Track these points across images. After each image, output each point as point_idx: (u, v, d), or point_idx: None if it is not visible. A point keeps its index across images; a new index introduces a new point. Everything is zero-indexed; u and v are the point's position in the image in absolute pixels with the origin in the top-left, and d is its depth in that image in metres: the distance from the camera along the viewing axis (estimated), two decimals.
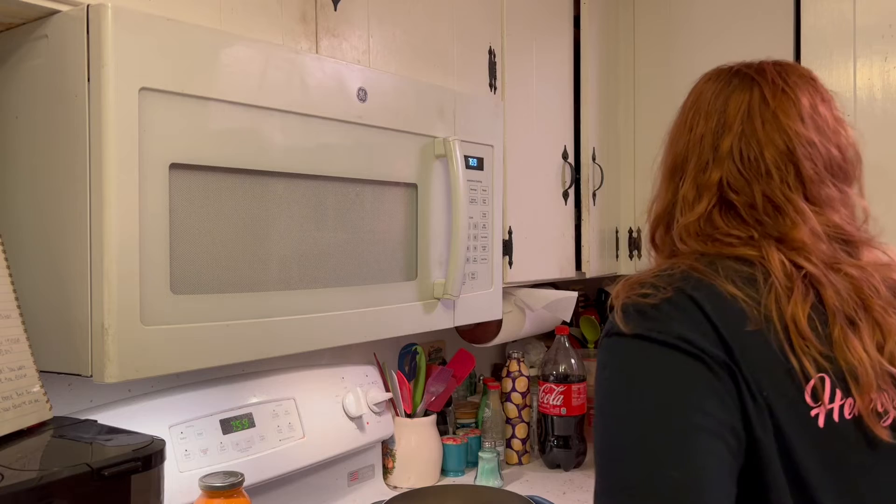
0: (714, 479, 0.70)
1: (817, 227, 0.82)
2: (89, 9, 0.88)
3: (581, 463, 1.91)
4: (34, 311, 0.94)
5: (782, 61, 0.92)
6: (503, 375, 1.96)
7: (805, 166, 0.84)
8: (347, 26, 1.27)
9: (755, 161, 0.85)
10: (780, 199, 0.83)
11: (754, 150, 0.85)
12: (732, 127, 0.86)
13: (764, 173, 0.84)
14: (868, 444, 0.76)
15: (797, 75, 0.90)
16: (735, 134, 0.86)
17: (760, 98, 0.87)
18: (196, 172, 0.97)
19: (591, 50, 1.93)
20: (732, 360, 0.73)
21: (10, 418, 0.85)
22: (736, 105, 0.87)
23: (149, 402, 1.25)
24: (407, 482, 1.69)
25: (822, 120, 0.87)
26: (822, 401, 0.75)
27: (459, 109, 1.41)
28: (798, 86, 0.88)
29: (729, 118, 0.87)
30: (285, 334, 1.09)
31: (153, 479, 0.87)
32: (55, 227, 0.93)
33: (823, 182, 0.85)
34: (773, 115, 0.85)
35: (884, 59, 1.68)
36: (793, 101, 0.86)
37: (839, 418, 0.75)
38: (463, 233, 1.36)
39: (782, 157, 0.84)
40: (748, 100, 0.87)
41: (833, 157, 0.86)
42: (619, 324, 0.77)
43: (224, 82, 0.99)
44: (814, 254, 0.80)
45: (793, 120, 0.85)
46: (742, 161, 0.85)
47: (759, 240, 0.82)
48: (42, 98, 0.94)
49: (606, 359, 0.78)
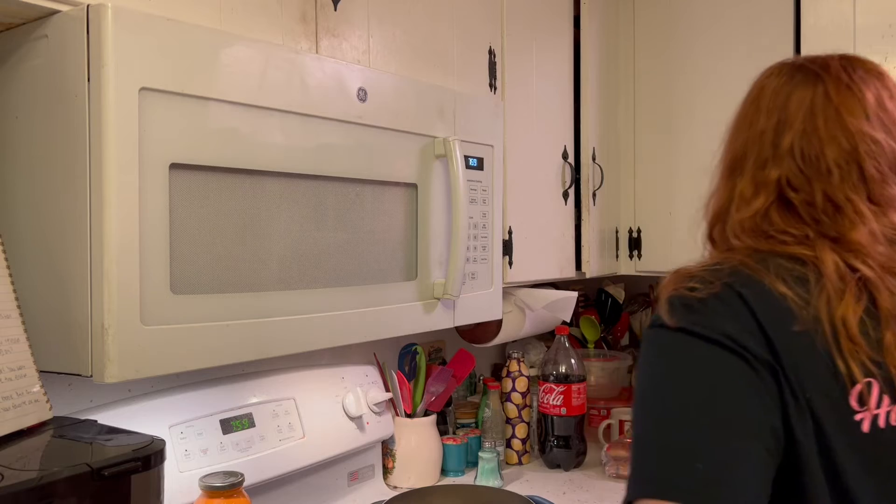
0: (747, 477, 0.69)
1: (876, 228, 0.80)
2: (89, 9, 0.88)
3: (581, 463, 1.91)
4: (34, 311, 0.94)
5: (849, 55, 0.89)
6: (503, 375, 1.96)
7: (868, 165, 0.81)
8: (347, 26, 1.27)
9: (816, 159, 0.82)
10: (841, 198, 0.81)
11: (815, 149, 0.82)
12: (794, 124, 0.84)
13: (825, 172, 0.82)
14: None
15: (864, 70, 0.86)
16: (796, 132, 0.84)
17: (823, 94, 0.84)
18: (196, 172, 0.97)
19: (591, 50, 1.93)
20: (776, 359, 0.72)
21: (10, 418, 0.85)
22: (798, 101, 0.85)
23: (149, 402, 1.25)
24: (407, 482, 1.69)
25: (888, 117, 0.84)
26: (869, 406, 0.73)
27: (459, 109, 1.41)
28: (864, 81, 0.85)
29: (790, 115, 0.85)
30: (285, 334, 1.09)
31: (153, 479, 0.87)
32: (55, 226, 0.93)
33: (886, 182, 0.82)
34: (835, 113, 0.83)
35: (884, 59, 1.68)
36: (857, 98, 0.83)
37: (885, 424, 0.74)
38: (463, 233, 1.36)
39: (844, 156, 0.82)
40: (811, 96, 0.84)
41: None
42: (664, 316, 0.76)
43: (224, 82, 0.99)
44: (871, 256, 0.78)
45: (857, 117, 0.82)
46: (803, 159, 0.83)
47: (814, 239, 0.80)
48: (42, 98, 0.94)
49: (648, 350, 0.77)
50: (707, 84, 1.91)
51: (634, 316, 2.49)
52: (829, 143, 0.82)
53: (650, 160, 2.02)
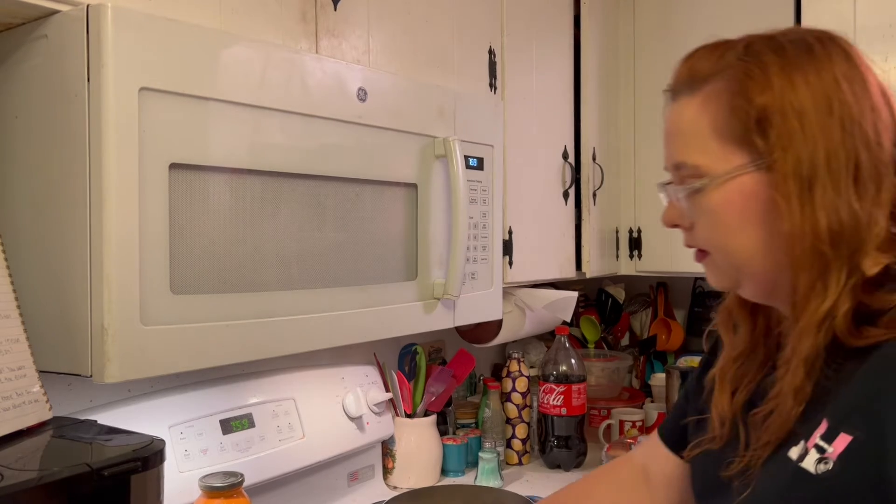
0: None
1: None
2: (89, 9, 0.88)
3: (581, 463, 1.90)
4: (34, 311, 0.93)
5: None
6: (503, 375, 1.96)
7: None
8: (347, 26, 1.26)
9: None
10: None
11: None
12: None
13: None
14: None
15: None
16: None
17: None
18: (196, 172, 0.97)
19: (591, 49, 1.93)
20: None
21: (9, 418, 0.85)
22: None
23: (148, 403, 1.25)
24: (407, 482, 1.69)
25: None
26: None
27: (459, 109, 1.41)
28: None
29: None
30: (285, 334, 1.09)
31: (153, 479, 0.86)
32: (55, 227, 0.93)
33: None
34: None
35: (884, 59, 1.68)
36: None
37: None
38: (463, 233, 1.36)
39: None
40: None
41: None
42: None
43: (224, 82, 0.99)
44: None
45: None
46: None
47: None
48: (42, 98, 0.94)
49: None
50: None
51: (635, 316, 2.48)
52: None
53: (650, 160, 2.02)
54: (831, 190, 0.70)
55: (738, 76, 0.74)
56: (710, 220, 0.77)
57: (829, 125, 0.71)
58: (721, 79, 0.76)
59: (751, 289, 0.80)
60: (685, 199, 0.79)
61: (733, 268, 0.78)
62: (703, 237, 0.79)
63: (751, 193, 0.73)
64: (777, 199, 0.71)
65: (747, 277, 0.78)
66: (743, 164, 0.74)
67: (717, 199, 0.75)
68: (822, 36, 0.76)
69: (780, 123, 0.71)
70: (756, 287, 0.79)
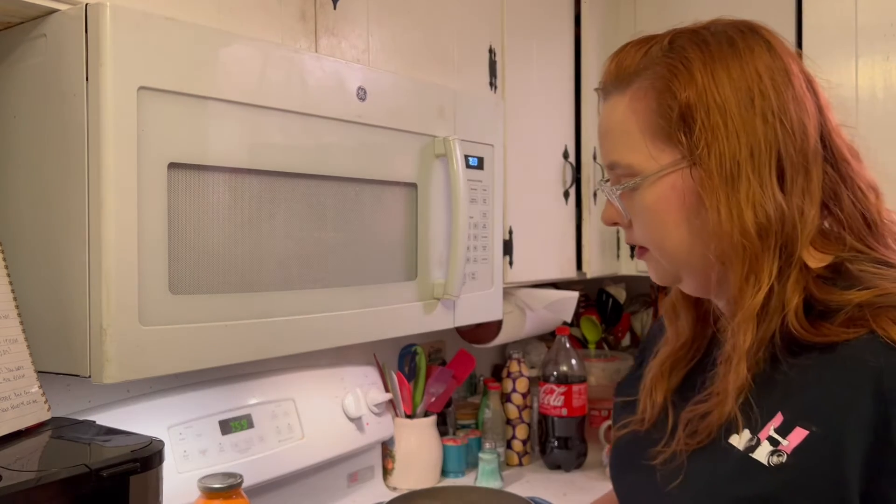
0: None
1: None
2: (88, 8, 0.88)
3: (582, 464, 1.90)
4: (32, 311, 0.93)
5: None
6: (503, 376, 1.96)
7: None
8: (347, 25, 1.26)
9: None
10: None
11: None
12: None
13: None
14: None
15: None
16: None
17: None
18: (195, 172, 0.97)
19: (592, 48, 1.93)
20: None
21: (8, 419, 0.85)
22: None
23: (147, 403, 1.25)
24: (407, 483, 1.69)
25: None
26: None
27: (459, 109, 1.41)
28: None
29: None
30: (285, 334, 1.08)
31: (152, 480, 0.86)
32: (53, 226, 0.93)
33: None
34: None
35: (885, 59, 1.67)
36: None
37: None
38: (463, 233, 1.36)
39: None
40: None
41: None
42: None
43: (223, 81, 0.99)
44: None
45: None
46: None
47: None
48: (40, 97, 0.93)
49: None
50: None
51: (635, 316, 2.48)
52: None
53: None
54: (756, 184, 0.70)
55: (662, 73, 0.75)
56: (645, 217, 0.78)
57: (752, 119, 0.71)
58: (647, 76, 0.76)
59: (690, 284, 0.81)
60: (620, 197, 0.80)
61: (671, 263, 0.79)
62: (640, 235, 0.80)
63: (682, 190, 0.74)
64: (703, 195, 0.72)
65: (685, 273, 0.79)
66: (673, 162, 0.74)
67: (650, 198, 0.76)
68: (744, 28, 0.76)
69: (703, 119, 0.71)
70: (694, 282, 0.80)
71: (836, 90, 0.82)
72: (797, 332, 0.70)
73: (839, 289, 0.70)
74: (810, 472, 0.66)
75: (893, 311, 0.66)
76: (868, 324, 0.66)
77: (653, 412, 0.83)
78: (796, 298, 0.70)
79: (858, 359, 0.66)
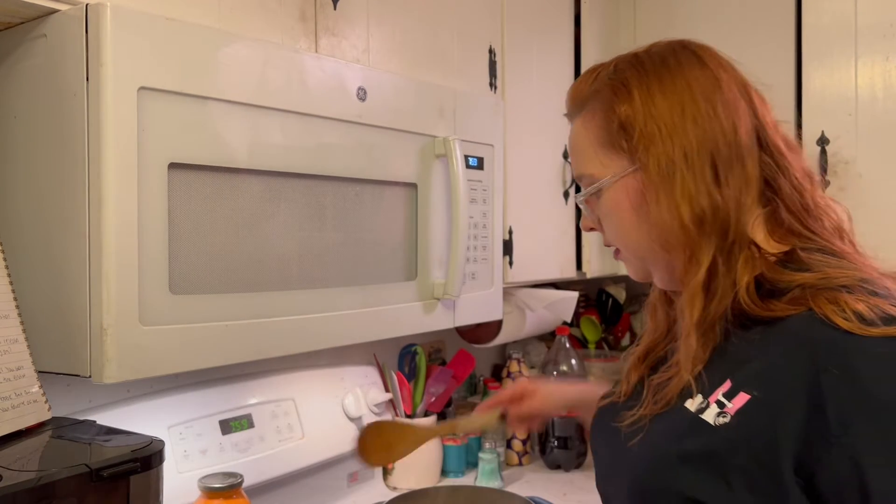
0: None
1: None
2: (88, 8, 0.88)
3: (581, 464, 1.90)
4: (33, 311, 0.93)
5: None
6: (503, 376, 1.96)
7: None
8: (347, 25, 1.26)
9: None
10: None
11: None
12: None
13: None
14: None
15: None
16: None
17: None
18: (195, 172, 0.97)
19: (591, 49, 1.93)
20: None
21: (8, 419, 0.85)
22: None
23: (148, 403, 1.25)
24: (407, 483, 1.69)
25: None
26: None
27: (459, 109, 1.41)
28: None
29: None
30: (285, 334, 1.08)
31: (152, 479, 0.86)
32: (54, 226, 0.93)
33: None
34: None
35: (885, 59, 1.68)
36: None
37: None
38: (463, 233, 1.36)
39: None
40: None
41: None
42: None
43: (223, 81, 0.99)
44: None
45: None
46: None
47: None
48: (41, 97, 0.93)
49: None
50: None
51: (635, 316, 2.48)
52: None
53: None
54: (690, 181, 0.79)
55: (607, 94, 0.85)
56: (610, 220, 0.88)
57: (683, 124, 0.80)
58: (596, 98, 0.87)
59: (658, 277, 0.90)
60: (586, 204, 0.91)
61: (639, 260, 0.89)
62: (610, 237, 0.91)
63: (632, 192, 0.84)
64: (646, 194, 0.82)
65: (652, 267, 0.88)
66: (622, 168, 0.84)
67: (609, 202, 0.87)
68: (677, 46, 0.86)
69: (641, 128, 0.82)
70: (660, 275, 0.89)
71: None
72: (748, 307, 0.77)
73: (789, 271, 0.78)
74: (749, 431, 0.72)
75: (830, 292, 0.73)
76: (808, 302, 0.74)
77: (628, 388, 0.93)
78: (747, 276, 0.78)
79: (797, 333, 0.73)
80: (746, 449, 0.72)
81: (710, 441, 0.74)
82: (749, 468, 0.71)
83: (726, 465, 0.72)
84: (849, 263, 0.78)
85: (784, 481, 0.69)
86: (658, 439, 0.80)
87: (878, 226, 1.72)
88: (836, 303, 0.72)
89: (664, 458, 0.78)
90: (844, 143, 1.72)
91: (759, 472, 0.71)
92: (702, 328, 0.79)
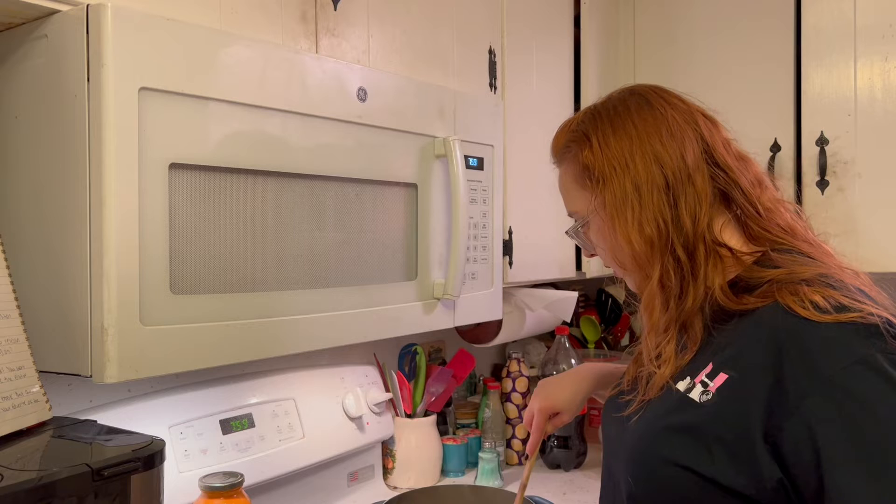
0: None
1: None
2: (89, 8, 0.88)
3: (581, 463, 1.91)
4: (34, 311, 0.93)
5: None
6: (503, 376, 1.96)
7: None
8: (347, 26, 1.26)
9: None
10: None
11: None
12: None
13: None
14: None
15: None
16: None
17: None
18: (196, 172, 0.97)
19: (591, 49, 1.93)
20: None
21: (9, 418, 0.85)
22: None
23: (148, 403, 1.25)
24: (407, 482, 1.69)
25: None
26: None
27: (459, 109, 1.41)
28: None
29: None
30: (285, 334, 1.09)
31: (153, 479, 0.86)
32: (55, 227, 0.93)
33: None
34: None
35: (884, 59, 1.68)
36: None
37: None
38: (463, 233, 1.36)
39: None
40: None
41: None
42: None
43: (224, 82, 0.99)
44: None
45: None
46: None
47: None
48: (41, 98, 0.93)
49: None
50: (707, 83, 1.91)
51: (635, 316, 2.48)
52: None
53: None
54: (639, 210, 0.91)
55: (574, 143, 1.00)
56: (599, 247, 1.02)
57: (633, 161, 0.93)
58: (569, 147, 1.01)
59: (633, 286, 1.01)
60: (579, 236, 1.05)
61: (629, 276, 1.00)
62: (604, 260, 1.03)
63: (602, 223, 0.97)
64: (607, 224, 0.95)
65: (635, 283, 1.00)
66: (596, 203, 0.97)
67: (594, 232, 1.01)
68: (626, 93, 1.00)
69: (600, 169, 0.95)
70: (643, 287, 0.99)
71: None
72: (724, 304, 0.88)
73: (761, 269, 0.89)
74: (726, 406, 0.83)
75: (792, 285, 0.84)
76: (774, 295, 0.84)
77: (629, 380, 1.03)
78: (719, 279, 0.89)
79: (765, 321, 0.83)
80: (724, 421, 0.82)
81: (695, 415, 0.85)
82: (727, 438, 0.81)
83: (709, 436, 0.82)
84: (813, 261, 0.89)
85: (756, 448, 0.79)
86: (652, 416, 0.91)
87: (878, 225, 1.72)
88: (796, 294, 0.82)
89: (657, 430, 0.88)
90: (844, 144, 1.72)
91: (736, 440, 0.80)
92: (676, 325, 0.91)
